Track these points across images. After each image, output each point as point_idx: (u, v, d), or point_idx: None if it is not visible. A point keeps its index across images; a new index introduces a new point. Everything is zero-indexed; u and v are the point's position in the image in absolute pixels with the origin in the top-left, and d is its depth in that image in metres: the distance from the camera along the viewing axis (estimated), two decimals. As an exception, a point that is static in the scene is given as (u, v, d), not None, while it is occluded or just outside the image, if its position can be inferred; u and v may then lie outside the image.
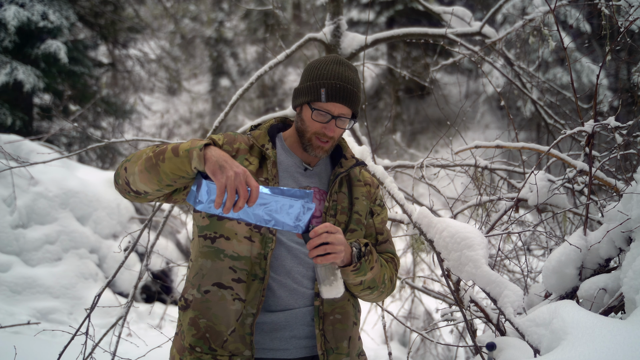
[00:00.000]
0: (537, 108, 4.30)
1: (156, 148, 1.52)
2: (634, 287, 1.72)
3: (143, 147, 8.15)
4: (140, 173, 1.51)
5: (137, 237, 3.21)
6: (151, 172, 1.49)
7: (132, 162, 1.54)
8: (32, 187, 5.63)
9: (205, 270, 1.62)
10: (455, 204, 3.41)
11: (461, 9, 4.73)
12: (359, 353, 1.75)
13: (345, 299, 1.70)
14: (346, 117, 1.67)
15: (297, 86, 1.74)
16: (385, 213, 1.85)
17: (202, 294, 1.61)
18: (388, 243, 1.83)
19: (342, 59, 1.73)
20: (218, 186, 1.36)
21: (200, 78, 19.09)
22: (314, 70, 1.69)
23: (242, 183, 1.37)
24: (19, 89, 8.88)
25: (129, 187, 1.57)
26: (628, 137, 2.67)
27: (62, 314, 5.11)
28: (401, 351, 6.10)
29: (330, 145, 1.69)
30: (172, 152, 1.45)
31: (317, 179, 1.74)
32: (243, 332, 1.58)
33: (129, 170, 1.54)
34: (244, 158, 1.67)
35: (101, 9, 11.88)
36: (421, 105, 15.71)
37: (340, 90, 1.64)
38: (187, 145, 1.44)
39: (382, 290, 1.74)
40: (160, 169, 1.47)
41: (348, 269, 1.60)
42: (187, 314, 1.63)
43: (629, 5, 2.48)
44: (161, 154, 1.47)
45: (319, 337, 1.63)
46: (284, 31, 13.24)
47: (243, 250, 1.59)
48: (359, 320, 1.78)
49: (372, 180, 1.85)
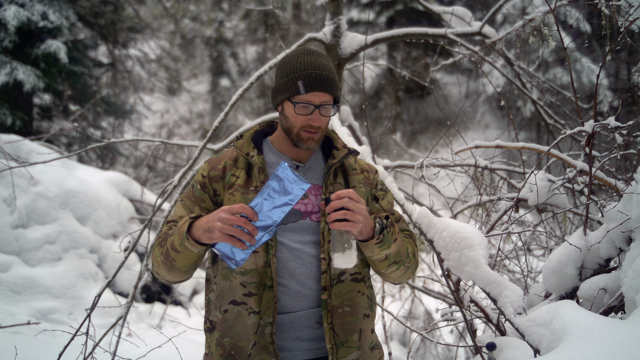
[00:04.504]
0: (537, 108, 4.30)
1: (162, 249, 1.63)
2: (634, 287, 1.72)
3: (143, 147, 8.14)
4: (169, 275, 1.67)
5: (137, 237, 3.21)
6: (175, 272, 1.64)
7: (158, 268, 1.68)
8: (32, 187, 5.63)
9: (224, 291, 1.65)
10: (455, 204, 3.41)
11: (461, 9, 4.73)
12: (372, 346, 1.72)
13: (355, 291, 1.67)
14: (329, 104, 1.66)
15: (273, 86, 1.73)
16: (390, 195, 1.82)
17: (222, 313, 1.65)
18: (401, 222, 1.80)
19: (311, 49, 1.73)
20: (223, 241, 1.46)
21: (200, 78, 19.09)
22: (286, 65, 1.69)
23: (230, 218, 1.44)
24: (19, 89, 8.88)
25: (171, 282, 1.73)
26: (628, 137, 2.67)
27: (62, 314, 5.11)
28: (401, 351, 6.10)
29: (320, 136, 1.68)
30: (174, 251, 1.58)
31: (311, 174, 1.73)
32: (265, 343, 1.60)
33: (160, 275, 1.70)
34: (230, 174, 1.69)
35: (101, 9, 11.88)
36: (421, 105, 15.71)
37: (317, 78, 1.63)
38: (177, 240, 1.55)
39: (408, 265, 1.71)
40: (177, 265, 1.61)
41: (372, 242, 1.57)
42: (213, 335, 1.67)
43: (629, 5, 2.48)
44: (168, 257, 1.60)
45: (328, 330, 1.61)
46: (284, 31, 13.24)
47: (249, 264, 1.61)
48: (374, 312, 1.75)
49: (369, 166, 1.83)
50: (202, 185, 1.69)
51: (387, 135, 12.20)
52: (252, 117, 16.14)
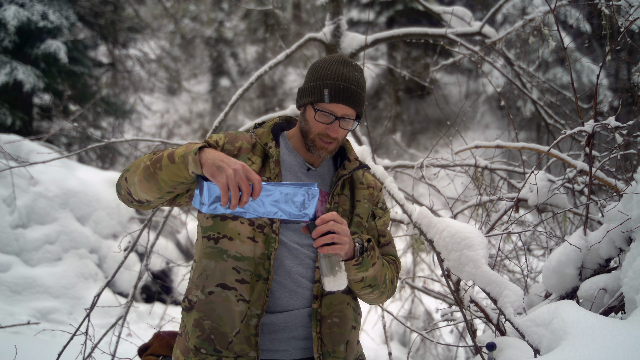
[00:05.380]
0: (537, 108, 4.30)
1: (153, 156, 1.52)
2: (634, 287, 1.72)
3: (143, 147, 8.15)
4: (140, 182, 1.52)
5: (137, 237, 3.21)
6: (150, 181, 1.50)
7: (132, 172, 1.54)
8: (32, 187, 5.63)
9: (209, 271, 1.61)
10: (455, 204, 3.41)
11: (461, 8, 4.73)
12: (356, 357, 1.73)
13: (345, 303, 1.68)
14: (350, 118, 1.65)
15: (302, 86, 1.72)
16: (387, 216, 1.84)
17: (206, 295, 1.60)
18: (390, 246, 1.82)
19: (346, 58, 1.71)
20: (220, 186, 1.36)
21: (200, 78, 19.09)
22: (317, 70, 1.67)
23: (243, 178, 1.37)
24: (19, 89, 8.88)
25: (132, 197, 1.58)
26: (628, 137, 2.67)
27: (62, 314, 5.11)
28: (401, 351, 6.10)
29: (334, 147, 1.67)
30: (168, 159, 1.46)
31: (320, 180, 1.72)
32: (248, 333, 1.58)
33: (129, 180, 1.55)
34: (246, 157, 1.66)
35: (101, 9, 11.88)
36: (421, 105, 15.71)
37: (344, 91, 1.62)
38: (182, 151, 1.45)
39: (383, 290, 1.72)
40: (158, 177, 1.48)
41: (350, 263, 1.58)
42: (191, 315, 1.63)
43: (629, 5, 2.48)
44: (158, 162, 1.48)
45: (316, 340, 1.62)
46: (284, 31, 13.24)
47: (246, 250, 1.59)
48: (359, 324, 1.76)
49: (375, 183, 1.84)
50: (208, 144, 1.61)
51: (387, 135, 12.20)
52: (252, 117, 16.15)
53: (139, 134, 13.46)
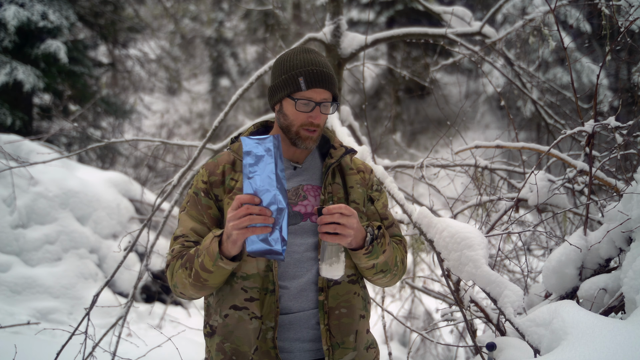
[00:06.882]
0: (537, 108, 4.30)
1: (189, 272, 1.57)
2: (634, 287, 1.72)
3: (143, 147, 8.14)
4: (199, 293, 1.63)
5: (137, 237, 3.21)
6: (206, 290, 1.61)
7: (184, 289, 1.62)
8: (32, 187, 5.63)
9: (224, 296, 1.65)
10: (455, 204, 3.41)
11: (461, 8, 4.73)
12: (367, 346, 1.73)
13: (352, 292, 1.68)
14: (328, 102, 1.66)
15: (271, 84, 1.71)
16: (384, 197, 1.83)
17: (222, 318, 1.64)
18: (394, 226, 1.82)
19: (308, 47, 1.73)
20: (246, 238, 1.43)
21: (200, 78, 19.09)
22: (285, 63, 1.68)
23: (236, 213, 1.42)
24: (19, 89, 8.88)
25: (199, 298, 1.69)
26: (628, 137, 2.67)
27: (62, 314, 5.10)
28: (401, 351, 6.10)
29: (318, 135, 1.67)
30: (205, 271, 1.54)
31: (308, 175, 1.72)
32: (267, 348, 1.60)
33: (186, 295, 1.64)
34: (229, 178, 1.68)
35: (101, 9, 11.88)
36: (421, 105, 15.71)
37: (318, 74, 1.63)
38: (209, 261, 1.52)
39: (395, 272, 1.73)
40: (209, 284, 1.58)
41: (360, 252, 1.59)
42: (213, 340, 1.66)
43: (629, 5, 2.48)
44: (200, 278, 1.56)
45: (324, 332, 1.62)
46: (284, 31, 13.23)
47: (251, 268, 1.61)
48: (368, 312, 1.76)
49: (364, 166, 1.83)
50: (205, 192, 1.67)
51: (387, 135, 12.20)
52: (252, 117, 16.14)
53: (139, 134, 13.46)
